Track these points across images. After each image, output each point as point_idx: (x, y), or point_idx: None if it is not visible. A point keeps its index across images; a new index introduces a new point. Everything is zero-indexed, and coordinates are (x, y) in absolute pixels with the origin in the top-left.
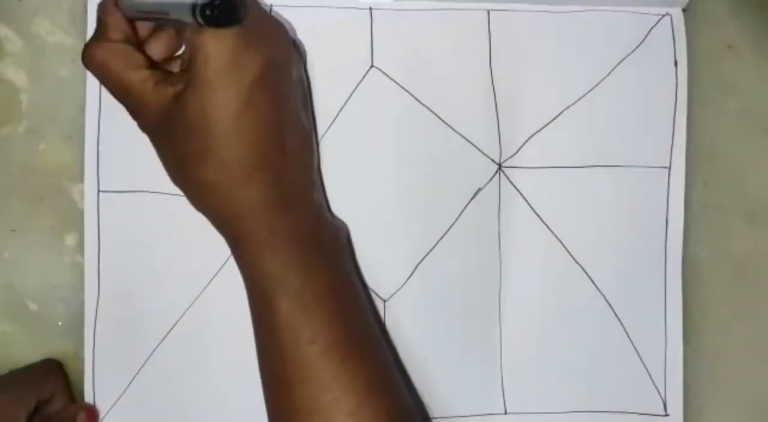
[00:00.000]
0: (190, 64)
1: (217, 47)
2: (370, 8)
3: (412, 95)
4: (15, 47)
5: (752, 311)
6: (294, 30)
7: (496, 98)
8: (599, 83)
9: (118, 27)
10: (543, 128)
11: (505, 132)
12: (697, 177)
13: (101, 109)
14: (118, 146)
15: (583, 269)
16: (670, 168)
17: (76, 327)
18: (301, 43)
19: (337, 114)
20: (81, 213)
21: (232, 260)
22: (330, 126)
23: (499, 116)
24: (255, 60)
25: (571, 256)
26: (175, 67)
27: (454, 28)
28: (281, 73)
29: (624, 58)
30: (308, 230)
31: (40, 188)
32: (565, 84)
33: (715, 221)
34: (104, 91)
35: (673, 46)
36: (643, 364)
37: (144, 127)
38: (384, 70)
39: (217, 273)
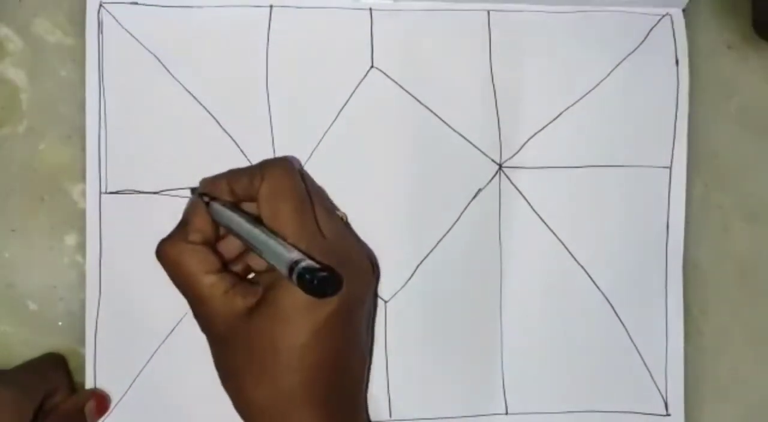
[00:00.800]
0: (271, 286)
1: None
2: (370, 8)
3: (412, 95)
4: (15, 47)
5: (752, 311)
6: (372, 253)
7: (497, 98)
8: (600, 83)
9: (200, 229)
10: (543, 128)
11: (505, 132)
12: (697, 177)
13: (101, 109)
14: (119, 146)
15: (584, 269)
16: (671, 168)
17: (76, 327)
18: (377, 263)
19: (337, 114)
20: (81, 213)
21: None
22: (330, 126)
23: (499, 115)
24: (332, 300)
25: (572, 256)
26: (243, 264)
27: (454, 28)
28: (356, 306)
29: (624, 58)
30: None
31: (40, 188)
32: (566, 84)
33: (715, 221)
34: (104, 91)
35: (673, 46)
36: (645, 364)
37: (205, 330)
38: (384, 70)
39: None
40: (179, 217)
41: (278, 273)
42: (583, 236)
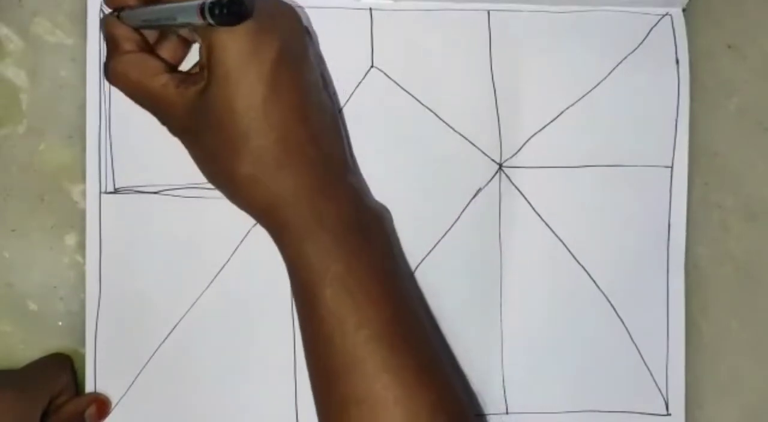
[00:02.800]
0: (208, 59)
1: (233, 38)
2: (370, 8)
3: (412, 95)
4: (15, 47)
5: (752, 311)
6: (307, 16)
7: (497, 98)
8: (600, 83)
9: (128, 37)
10: (544, 127)
11: (505, 132)
12: (697, 177)
13: (101, 109)
14: (119, 147)
15: (585, 269)
16: (672, 167)
17: (76, 327)
18: (312, 26)
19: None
20: (81, 213)
21: (233, 260)
22: None
23: (499, 115)
24: (271, 44)
25: (573, 256)
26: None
27: (454, 28)
28: (299, 55)
29: (624, 58)
30: (349, 214)
31: (40, 188)
32: (566, 84)
33: (715, 221)
34: (104, 91)
35: (674, 46)
36: (645, 364)
37: (174, 130)
38: (384, 70)
39: (219, 273)
40: (180, 216)
41: (210, 42)
42: (583, 235)
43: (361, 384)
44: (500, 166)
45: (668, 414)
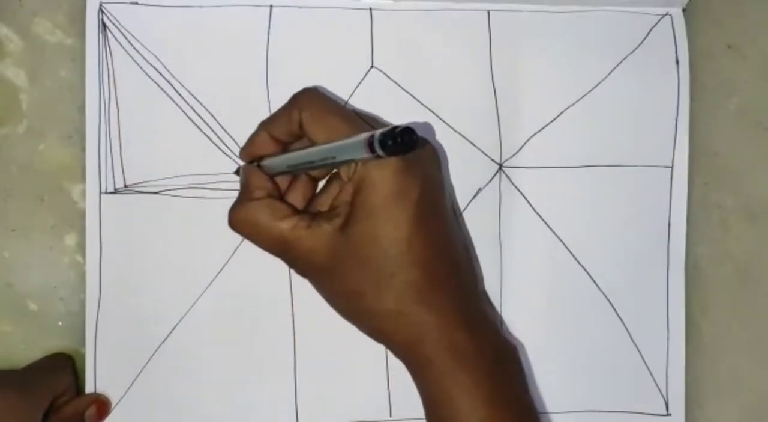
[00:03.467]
0: (354, 196)
1: (383, 174)
2: (370, 8)
3: (412, 95)
4: (15, 47)
5: (752, 311)
6: (444, 151)
7: (497, 98)
8: (600, 83)
9: (260, 185)
10: (544, 127)
11: (505, 132)
12: (697, 177)
13: (101, 109)
14: (118, 147)
15: (585, 269)
16: (672, 167)
17: (76, 327)
18: (441, 146)
19: None
20: (81, 213)
21: (233, 260)
22: None
23: (499, 115)
24: (416, 181)
25: (573, 256)
26: (317, 208)
27: (454, 28)
28: (439, 189)
29: (624, 58)
30: (490, 350)
31: (40, 188)
32: (566, 84)
33: (715, 221)
34: (104, 91)
35: (674, 46)
36: (645, 364)
37: (304, 271)
38: (384, 70)
39: (218, 273)
40: (179, 216)
41: (352, 187)
42: (583, 235)
43: None
44: (500, 166)
45: (668, 414)
